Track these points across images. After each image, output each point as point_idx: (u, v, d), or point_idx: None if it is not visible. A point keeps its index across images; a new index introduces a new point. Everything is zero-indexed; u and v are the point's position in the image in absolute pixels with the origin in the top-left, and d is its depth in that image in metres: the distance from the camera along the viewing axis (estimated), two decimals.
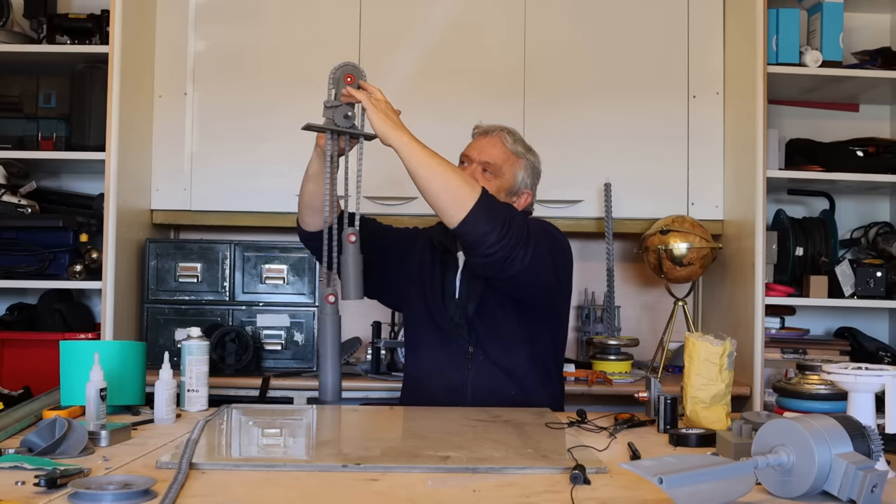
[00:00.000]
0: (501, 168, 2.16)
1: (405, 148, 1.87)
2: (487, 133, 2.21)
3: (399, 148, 1.88)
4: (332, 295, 1.97)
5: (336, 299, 1.98)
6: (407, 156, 1.87)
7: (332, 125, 1.94)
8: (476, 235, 1.86)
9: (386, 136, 1.88)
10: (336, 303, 1.98)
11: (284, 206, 2.96)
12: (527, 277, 1.93)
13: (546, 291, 2.05)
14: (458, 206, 1.85)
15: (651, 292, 3.32)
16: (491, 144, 2.18)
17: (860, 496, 1.16)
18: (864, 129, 3.25)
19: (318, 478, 1.34)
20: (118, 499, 1.18)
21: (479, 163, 2.15)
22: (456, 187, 1.86)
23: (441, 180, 1.86)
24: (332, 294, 1.97)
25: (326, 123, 1.94)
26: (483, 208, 1.85)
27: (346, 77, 1.94)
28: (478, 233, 1.85)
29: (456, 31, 3.08)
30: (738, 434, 1.51)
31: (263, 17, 3.08)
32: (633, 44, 3.10)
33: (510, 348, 2.11)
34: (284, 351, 2.93)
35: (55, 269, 2.84)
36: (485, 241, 1.85)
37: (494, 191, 2.13)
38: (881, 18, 3.30)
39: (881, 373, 1.43)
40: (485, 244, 1.86)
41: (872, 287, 2.86)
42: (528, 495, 1.25)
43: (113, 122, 2.75)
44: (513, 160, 2.18)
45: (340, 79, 1.94)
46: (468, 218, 1.84)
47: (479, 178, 2.13)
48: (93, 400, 1.66)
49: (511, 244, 1.86)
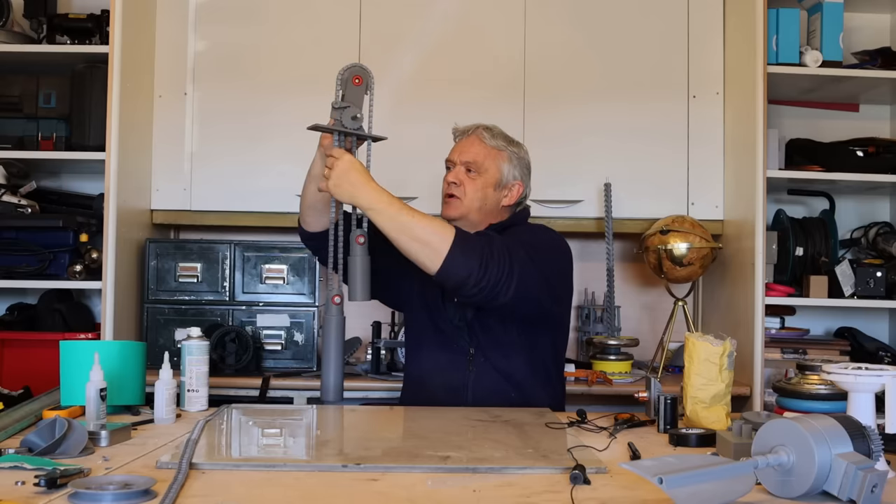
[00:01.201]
0: (483, 164, 2.16)
1: (370, 212, 1.88)
2: (465, 133, 2.22)
3: (365, 211, 1.89)
4: (337, 296, 1.97)
5: (342, 300, 1.98)
6: (375, 218, 1.88)
7: (340, 126, 1.94)
8: (455, 281, 1.87)
9: (351, 202, 1.89)
10: (342, 303, 1.98)
11: (284, 206, 2.96)
12: (517, 302, 1.93)
13: (540, 307, 2.04)
14: (432, 257, 1.86)
15: (651, 292, 3.32)
16: (469, 144, 2.18)
17: (860, 496, 1.16)
18: (864, 129, 3.25)
19: (318, 478, 1.34)
20: (118, 499, 1.18)
21: (461, 164, 2.16)
22: (426, 240, 1.86)
23: (410, 235, 1.87)
24: (337, 295, 1.97)
25: (333, 124, 1.94)
26: (458, 253, 1.85)
27: (353, 78, 1.94)
28: (457, 279, 1.87)
29: (456, 32, 3.08)
30: (738, 434, 1.51)
31: (263, 17, 3.08)
32: (633, 44, 3.10)
33: (510, 354, 2.11)
34: (284, 351, 2.93)
35: (55, 269, 2.84)
36: (465, 283, 1.87)
37: (481, 187, 2.14)
38: (881, 18, 3.30)
39: (881, 373, 1.43)
40: (466, 286, 1.87)
41: (872, 287, 2.86)
42: (528, 495, 1.25)
43: (113, 122, 2.75)
44: (494, 154, 2.17)
45: (348, 80, 1.94)
46: (444, 266, 1.85)
47: (465, 179, 2.14)
48: (93, 400, 1.66)
49: (492, 281, 1.87)
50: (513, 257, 1.91)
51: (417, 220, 1.88)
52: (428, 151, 2.91)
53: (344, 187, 1.89)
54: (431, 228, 1.88)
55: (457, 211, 2.15)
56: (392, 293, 2.28)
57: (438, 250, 1.85)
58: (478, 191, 2.14)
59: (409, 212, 1.89)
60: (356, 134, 1.95)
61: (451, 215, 2.15)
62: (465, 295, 1.91)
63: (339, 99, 1.94)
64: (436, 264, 1.85)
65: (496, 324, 2.10)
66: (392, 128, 2.20)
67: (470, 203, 2.14)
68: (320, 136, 2.02)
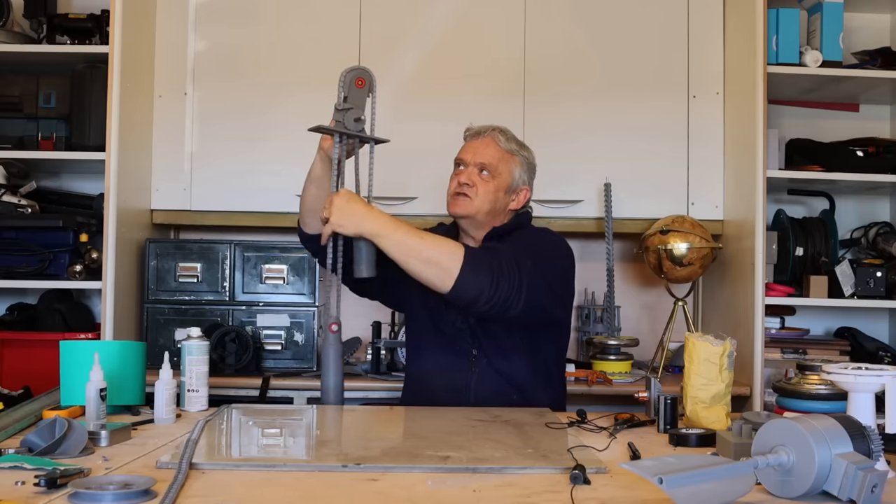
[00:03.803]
0: (497, 167, 2.15)
1: (378, 238, 1.89)
2: (480, 134, 2.21)
3: (373, 238, 1.89)
4: (335, 324, 1.97)
5: (339, 328, 1.98)
6: (382, 243, 1.89)
7: (342, 128, 1.93)
8: (467, 300, 1.89)
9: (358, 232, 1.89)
10: (339, 331, 1.98)
11: (284, 206, 2.96)
12: (526, 312, 1.94)
13: (546, 312, 2.05)
14: (443, 277, 1.87)
15: (651, 292, 3.32)
16: (485, 145, 2.18)
17: (860, 496, 1.16)
18: (864, 129, 3.25)
19: (318, 478, 1.34)
20: (118, 499, 1.18)
21: (474, 165, 2.15)
22: (436, 260, 1.87)
23: (419, 257, 1.88)
24: (335, 323, 1.97)
25: (336, 126, 1.94)
26: (469, 272, 1.86)
27: (356, 80, 1.94)
28: (468, 297, 1.88)
29: (456, 31, 3.08)
30: (738, 434, 1.51)
31: (263, 17, 3.08)
32: (633, 44, 3.10)
33: (512, 357, 2.11)
34: (284, 351, 2.93)
35: (55, 269, 2.84)
36: (477, 301, 1.88)
37: (493, 190, 2.14)
38: (881, 18, 3.30)
39: (881, 373, 1.43)
40: (478, 303, 1.89)
41: (872, 287, 2.86)
42: (528, 495, 1.25)
43: (113, 122, 2.75)
44: (507, 158, 2.17)
45: (351, 82, 1.93)
46: (456, 285, 1.86)
47: (477, 180, 2.13)
48: (93, 400, 1.66)
49: (503, 297, 1.88)
50: (521, 269, 1.92)
51: (426, 242, 1.89)
52: (428, 150, 2.92)
53: (348, 219, 1.89)
54: (440, 249, 1.89)
55: (465, 209, 2.14)
56: (392, 296, 2.28)
57: (449, 270, 1.86)
58: (489, 193, 2.14)
59: (416, 234, 1.90)
60: (358, 136, 1.95)
61: (459, 213, 2.14)
62: (476, 311, 1.94)
63: (341, 101, 1.93)
64: (447, 284, 1.87)
65: (499, 328, 2.10)
66: (392, 127, 2.20)
67: (480, 204, 2.14)
68: (320, 137, 2.01)
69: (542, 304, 1.99)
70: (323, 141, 2.01)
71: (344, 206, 1.89)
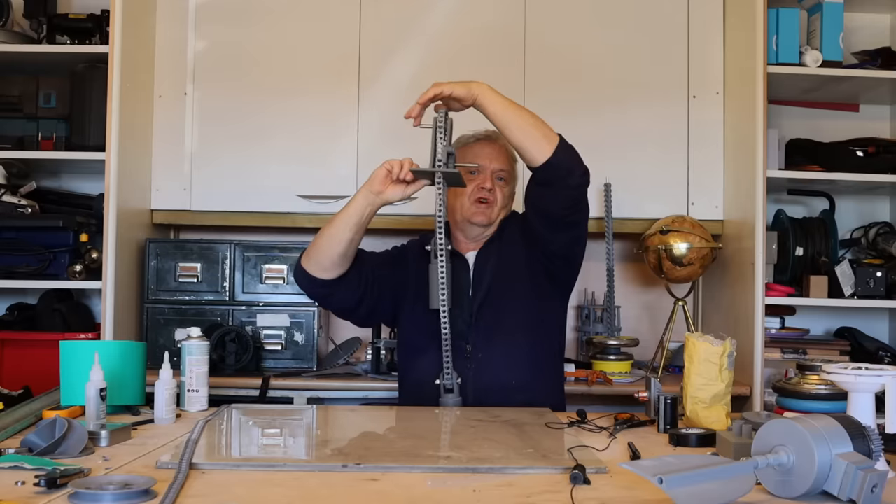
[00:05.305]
0: (511, 173, 2.22)
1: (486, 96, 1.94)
2: (492, 140, 2.21)
3: (482, 96, 1.93)
4: None
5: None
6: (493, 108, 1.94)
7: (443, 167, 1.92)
8: (566, 168, 1.97)
9: (472, 97, 1.93)
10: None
11: (284, 206, 2.96)
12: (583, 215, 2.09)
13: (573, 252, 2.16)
14: (543, 145, 1.94)
15: (651, 292, 3.32)
16: (499, 152, 2.20)
17: (860, 496, 1.16)
18: (864, 129, 3.25)
19: (318, 478, 1.35)
20: (118, 499, 1.18)
21: (491, 171, 2.16)
22: (542, 125, 1.97)
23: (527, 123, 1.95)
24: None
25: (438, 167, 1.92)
26: (565, 143, 1.98)
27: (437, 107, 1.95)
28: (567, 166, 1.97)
29: (456, 31, 3.08)
30: (738, 434, 1.51)
31: (263, 17, 3.08)
32: (633, 44, 3.10)
33: (510, 357, 2.10)
34: (284, 351, 2.93)
35: (55, 269, 2.84)
36: (572, 172, 1.97)
37: (508, 195, 2.21)
38: (881, 18, 3.30)
39: (881, 373, 1.43)
40: (573, 174, 1.98)
41: (872, 287, 2.86)
42: (528, 495, 1.25)
43: (113, 122, 2.75)
44: (514, 164, 2.24)
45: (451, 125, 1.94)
46: (557, 152, 1.94)
47: (495, 185, 2.15)
48: (93, 400, 1.66)
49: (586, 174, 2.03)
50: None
51: (528, 111, 1.97)
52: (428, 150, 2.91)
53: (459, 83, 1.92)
54: (541, 121, 1.98)
55: (488, 217, 2.16)
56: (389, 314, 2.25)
57: (551, 136, 1.96)
58: (506, 198, 2.19)
59: (519, 105, 1.98)
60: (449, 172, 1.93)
61: (483, 221, 2.15)
62: (567, 181, 1.99)
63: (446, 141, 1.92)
64: (546, 152, 1.94)
65: (496, 327, 2.10)
66: (392, 126, 2.19)
67: (499, 210, 2.18)
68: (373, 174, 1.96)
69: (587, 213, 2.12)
70: (380, 185, 1.97)
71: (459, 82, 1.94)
